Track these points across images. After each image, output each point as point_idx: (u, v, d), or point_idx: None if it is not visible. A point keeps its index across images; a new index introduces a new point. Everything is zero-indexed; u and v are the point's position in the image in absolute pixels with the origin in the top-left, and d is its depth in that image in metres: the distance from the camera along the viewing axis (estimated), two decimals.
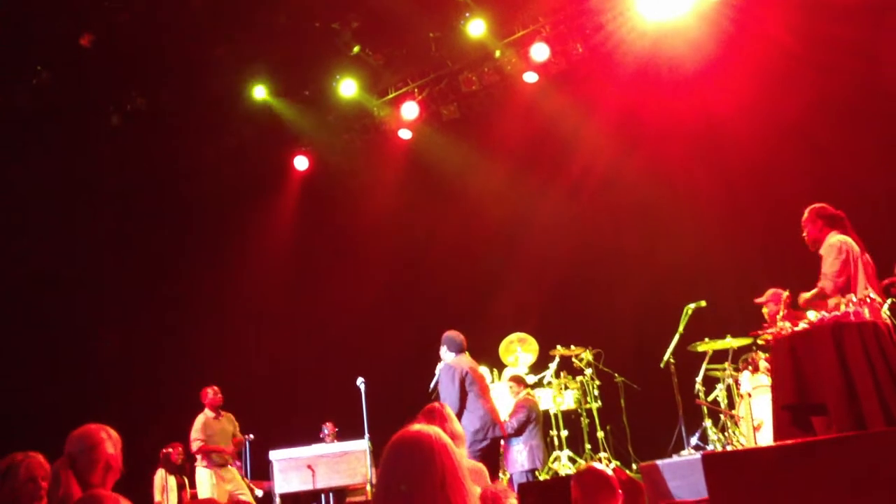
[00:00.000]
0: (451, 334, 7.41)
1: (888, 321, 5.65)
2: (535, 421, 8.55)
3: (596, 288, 10.89)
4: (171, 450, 9.97)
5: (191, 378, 10.66)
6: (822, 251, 5.90)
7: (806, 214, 6.11)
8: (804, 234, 6.10)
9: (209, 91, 11.20)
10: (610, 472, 4.02)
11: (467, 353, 7.32)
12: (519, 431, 8.43)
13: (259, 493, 9.65)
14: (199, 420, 9.35)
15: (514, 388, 8.82)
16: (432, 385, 7.44)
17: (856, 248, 5.81)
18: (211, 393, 9.44)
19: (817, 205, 6.11)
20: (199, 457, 9.33)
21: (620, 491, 3.85)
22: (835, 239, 5.84)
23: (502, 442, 8.64)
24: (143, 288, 11.89)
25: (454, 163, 11.97)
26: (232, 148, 11.72)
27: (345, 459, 8.88)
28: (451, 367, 7.08)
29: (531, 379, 9.52)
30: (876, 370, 5.02)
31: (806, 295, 5.84)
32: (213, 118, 11.48)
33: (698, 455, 6.93)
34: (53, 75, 10.16)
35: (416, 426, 2.49)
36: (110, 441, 4.24)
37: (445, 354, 7.32)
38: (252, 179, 12.24)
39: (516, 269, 11.36)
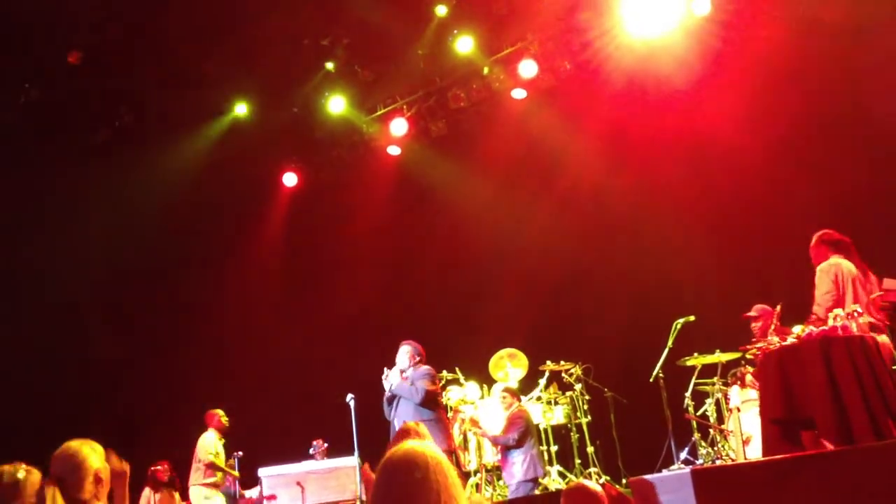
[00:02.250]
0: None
1: (885, 341, 5.72)
2: (531, 432, 8.57)
3: (585, 303, 10.91)
4: (158, 467, 9.92)
5: (178, 395, 10.64)
6: (816, 278, 6.04)
7: (812, 240, 6.29)
8: (813, 261, 6.27)
9: (197, 107, 11.20)
10: (599, 490, 4.01)
11: None
12: (519, 443, 8.43)
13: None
14: (213, 438, 9.44)
15: (507, 398, 8.82)
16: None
17: (846, 269, 5.92)
18: (218, 417, 9.64)
19: (823, 231, 6.28)
20: (200, 473, 9.31)
21: None
22: (826, 264, 6.03)
23: (498, 455, 8.68)
24: (130, 305, 11.83)
25: (443, 179, 12.00)
26: (220, 164, 11.70)
27: (334, 475, 8.85)
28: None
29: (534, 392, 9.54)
30: (864, 384, 5.05)
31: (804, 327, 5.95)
32: (201, 134, 11.47)
33: (688, 470, 6.96)
34: (42, 93, 10.17)
35: (409, 443, 2.48)
36: (95, 454, 4.22)
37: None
38: (241, 196, 12.22)
39: (505, 285, 11.37)
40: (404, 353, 7.83)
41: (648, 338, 8.99)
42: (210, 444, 9.35)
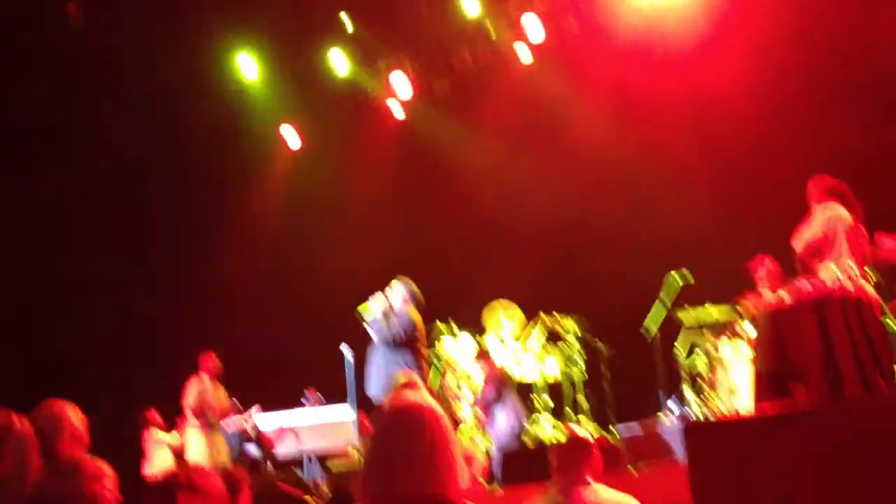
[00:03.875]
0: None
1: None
2: (507, 384, 8.68)
3: (580, 255, 10.94)
4: (148, 414, 10.00)
5: (175, 341, 10.68)
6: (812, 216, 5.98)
7: (809, 185, 6.18)
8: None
9: (199, 65, 11.10)
10: (587, 435, 4.05)
11: None
12: (497, 398, 8.53)
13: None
14: (196, 385, 9.49)
15: (483, 365, 8.93)
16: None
17: (843, 217, 5.84)
18: (210, 360, 9.68)
19: (818, 178, 6.17)
20: (192, 418, 9.39)
21: (598, 453, 3.88)
22: (824, 210, 5.90)
23: (480, 412, 8.78)
24: (130, 260, 11.85)
25: (447, 139, 11.95)
26: (222, 122, 11.63)
27: (329, 424, 8.96)
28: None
29: (515, 345, 9.60)
30: (855, 341, 5.09)
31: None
32: (203, 92, 11.38)
33: (676, 418, 7.07)
34: (49, 57, 10.07)
35: (409, 396, 2.51)
36: (75, 414, 4.29)
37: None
38: (243, 154, 12.18)
39: (506, 242, 11.39)
40: (397, 291, 7.70)
41: (643, 292, 9.05)
42: (189, 391, 9.44)
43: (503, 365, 9.04)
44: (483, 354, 9.00)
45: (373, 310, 7.51)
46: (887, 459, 2.16)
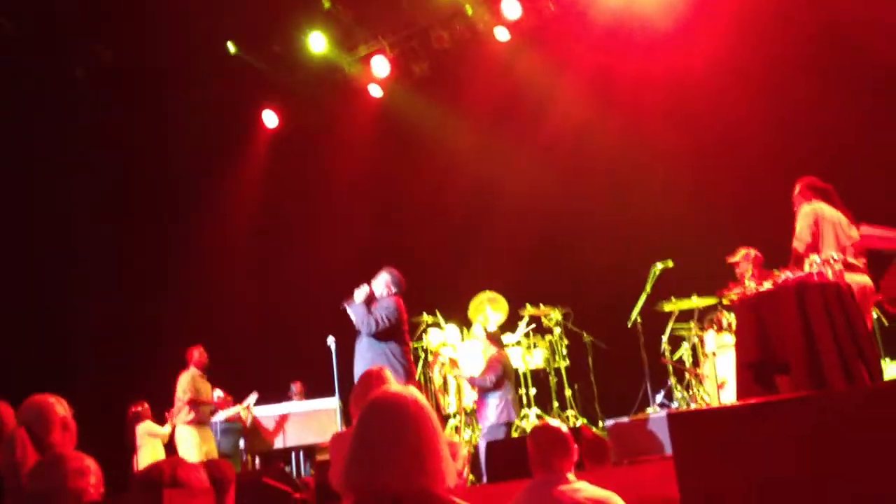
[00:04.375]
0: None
1: (867, 284, 5.81)
2: (509, 376, 8.64)
3: (567, 248, 10.95)
4: (139, 408, 9.95)
5: (159, 337, 10.63)
6: (797, 219, 6.13)
7: (795, 187, 6.38)
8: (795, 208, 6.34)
9: (176, 43, 10.99)
10: (565, 429, 3.99)
11: None
12: (496, 386, 8.50)
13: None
14: (188, 376, 9.45)
15: (488, 346, 8.89)
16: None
17: (826, 214, 5.99)
18: (196, 354, 9.60)
19: (806, 177, 6.37)
20: (184, 412, 9.37)
21: (576, 446, 3.85)
22: (807, 207, 6.10)
23: (476, 396, 8.77)
24: (108, 246, 11.75)
25: (426, 121, 11.90)
26: (200, 102, 11.53)
27: (315, 417, 8.96)
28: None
29: (512, 336, 9.62)
30: (837, 330, 5.13)
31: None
32: (180, 71, 11.29)
33: (663, 413, 7.10)
34: (16, 26, 9.94)
35: (395, 388, 2.50)
36: (60, 404, 4.29)
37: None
38: (220, 135, 12.08)
39: (488, 228, 11.37)
40: (381, 280, 7.71)
41: (628, 283, 9.07)
42: (183, 383, 9.40)
43: (505, 352, 9.02)
44: (493, 338, 8.98)
45: (356, 297, 7.53)
46: (869, 449, 2.19)
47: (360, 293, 7.55)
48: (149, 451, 9.56)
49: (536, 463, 3.80)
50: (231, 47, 11.27)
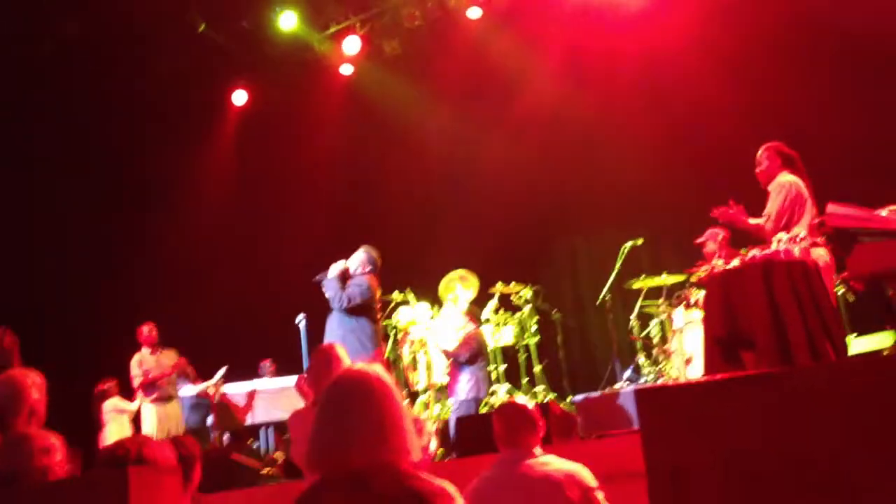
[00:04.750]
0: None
1: (824, 258, 5.84)
2: (483, 354, 8.67)
3: (537, 226, 10.98)
4: (106, 386, 9.86)
5: (128, 317, 10.51)
6: (770, 188, 6.06)
7: (763, 151, 6.24)
8: (758, 170, 6.22)
9: (144, 18, 10.82)
10: (531, 405, 4.03)
11: None
12: (469, 362, 8.52)
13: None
14: (135, 358, 9.41)
15: (467, 322, 8.91)
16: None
17: (802, 190, 5.99)
18: (146, 330, 9.52)
19: (774, 143, 6.25)
20: (141, 393, 9.33)
21: (542, 422, 3.88)
22: (785, 179, 6.03)
23: (447, 374, 8.79)
24: (74, 226, 11.60)
25: (397, 100, 11.83)
26: (167, 79, 11.38)
27: (284, 394, 8.93)
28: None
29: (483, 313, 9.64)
30: (803, 306, 5.19)
31: (752, 220, 6.02)
32: (148, 47, 11.13)
33: (631, 388, 7.16)
34: None
35: (359, 365, 2.50)
36: (35, 387, 4.22)
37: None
38: (189, 112, 11.93)
39: (459, 206, 11.37)
40: (357, 258, 7.75)
41: (598, 260, 9.12)
42: (132, 366, 9.38)
43: (483, 332, 9.03)
44: (472, 314, 9.00)
45: (330, 271, 7.55)
46: (834, 424, 2.22)
47: (335, 268, 7.58)
48: (115, 428, 9.50)
49: (502, 439, 3.82)
50: (199, 24, 11.10)
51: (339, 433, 2.30)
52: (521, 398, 4.14)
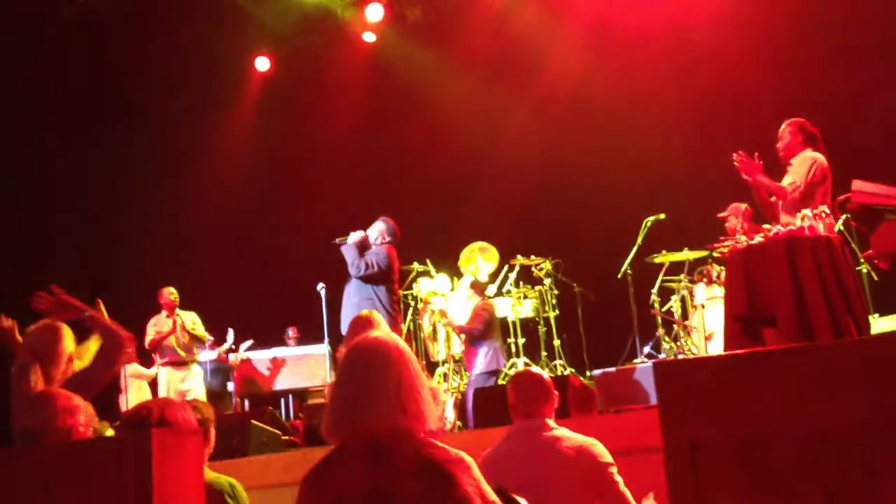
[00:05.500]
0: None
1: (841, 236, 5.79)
2: (495, 325, 8.67)
3: (559, 199, 10.93)
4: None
5: (150, 283, 10.60)
6: (793, 161, 5.93)
7: (787, 126, 6.10)
8: (780, 144, 6.11)
9: None
10: (547, 376, 3.93)
11: None
12: (483, 335, 8.52)
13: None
14: (152, 320, 9.50)
15: (472, 294, 8.91)
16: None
17: (826, 166, 5.89)
18: (165, 293, 9.55)
19: (798, 119, 6.13)
20: (157, 356, 9.43)
21: (556, 393, 3.80)
22: (811, 154, 5.88)
23: (462, 346, 8.81)
24: (97, 193, 11.69)
25: (420, 69, 11.76)
26: (190, 46, 11.39)
27: (304, 362, 9.01)
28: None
29: (491, 288, 9.64)
30: (826, 284, 5.14)
31: (764, 180, 5.91)
32: (170, 13, 11.13)
33: (650, 363, 7.15)
34: None
35: (375, 333, 2.51)
36: (69, 336, 4.31)
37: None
38: (212, 78, 11.94)
39: (480, 178, 11.34)
40: (376, 227, 7.83)
41: (619, 235, 9.07)
42: (148, 327, 9.45)
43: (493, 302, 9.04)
44: (476, 286, 9.01)
45: (350, 238, 7.62)
46: (854, 402, 2.21)
47: (355, 235, 7.65)
48: (135, 392, 9.62)
49: (516, 409, 3.75)
50: None
51: (357, 400, 2.32)
52: (536, 368, 4.08)
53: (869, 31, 9.15)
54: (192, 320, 9.55)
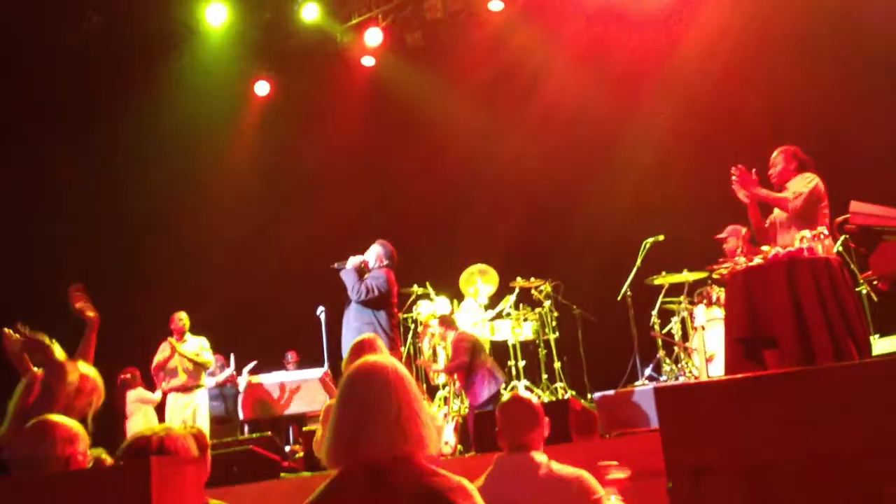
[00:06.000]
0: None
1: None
2: (478, 351, 8.50)
3: (558, 221, 10.95)
4: (128, 375, 9.94)
5: (151, 307, 10.60)
6: (792, 181, 5.97)
7: (779, 153, 6.15)
8: (773, 171, 6.15)
9: (167, 11, 10.90)
10: (536, 401, 3.75)
11: None
12: (472, 364, 8.39)
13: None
14: (162, 345, 9.49)
15: (442, 331, 8.76)
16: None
17: (823, 187, 5.94)
18: (175, 318, 9.56)
19: (791, 146, 6.18)
20: (162, 381, 9.41)
21: (546, 419, 3.64)
22: (810, 174, 5.94)
23: (456, 380, 8.73)
24: (98, 213, 11.70)
25: (418, 92, 11.82)
26: (191, 69, 11.46)
27: (303, 386, 8.97)
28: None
29: (489, 312, 9.62)
30: (826, 306, 5.14)
31: (767, 192, 5.95)
32: (170, 39, 11.20)
33: (651, 386, 7.13)
34: None
35: (373, 357, 2.50)
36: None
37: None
38: (212, 102, 11.99)
39: (479, 201, 11.36)
40: (373, 252, 7.82)
41: (619, 256, 9.08)
42: (158, 351, 9.44)
43: (469, 330, 8.96)
44: (445, 321, 8.85)
45: (349, 262, 7.62)
46: (857, 426, 2.20)
47: (354, 260, 7.66)
48: (140, 418, 9.59)
49: (502, 435, 3.61)
50: (220, 15, 11.15)
51: (358, 426, 2.30)
52: (525, 393, 3.94)
53: (858, 54, 9.21)
54: (199, 345, 9.50)
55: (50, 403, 3.99)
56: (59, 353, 4.36)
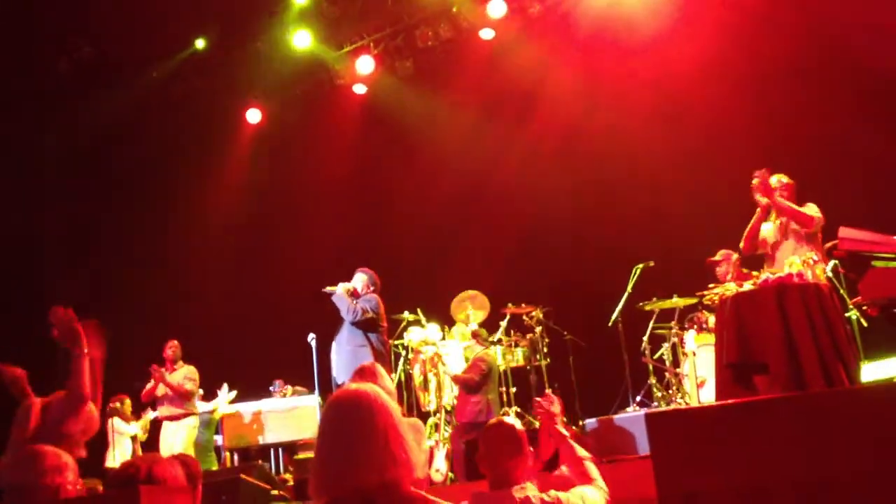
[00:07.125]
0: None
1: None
2: (492, 377, 8.53)
3: (548, 247, 10.96)
4: (116, 403, 9.87)
5: (140, 333, 10.54)
6: (805, 208, 6.15)
7: (782, 182, 6.33)
8: (776, 196, 6.28)
9: (158, 39, 10.95)
10: (520, 427, 3.63)
11: None
12: (479, 386, 8.38)
13: None
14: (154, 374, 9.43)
15: (474, 344, 8.86)
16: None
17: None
18: (166, 347, 9.51)
19: (791, 180, 6.39)
20: (149, 409, 9.37)
21: (530, 449, 3.55)
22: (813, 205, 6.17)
23: (456, 392, 8.73)
24: (87, 243, 11.68)
25: (410, 119, 11.86)
26: (181, 99, 11.50)
27: (293, 414, 8.92)
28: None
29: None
30: (817, 331, 5.16)
31: (786, 203, 6.06)
32: (162, 68, 11.25)
33: (642, 412, 7.12)
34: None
35: (354, 385, 2.48)
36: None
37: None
38: (202, 131, 12.02)
39: (470, 226, 11.37)
40: (359, 279, 7.91)
41: (609, 282, 9.09)
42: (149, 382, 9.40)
43: (493, 354, 8.95)
44: (479, 336, 8.97)
45: (338, 288, 7.68)
46: (847, 451, 2.21)
47: (343, 286, 7.71)
48: (118, 449, 9.52)
49: (483, 461, 3.51)
50: (200, 42, 11.23)
51: (342, 456, 2.28)
52: (510, 419, 3.85)
53: (848, 77, 9.29)
54: (183, 375, 9.41)
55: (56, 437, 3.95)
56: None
